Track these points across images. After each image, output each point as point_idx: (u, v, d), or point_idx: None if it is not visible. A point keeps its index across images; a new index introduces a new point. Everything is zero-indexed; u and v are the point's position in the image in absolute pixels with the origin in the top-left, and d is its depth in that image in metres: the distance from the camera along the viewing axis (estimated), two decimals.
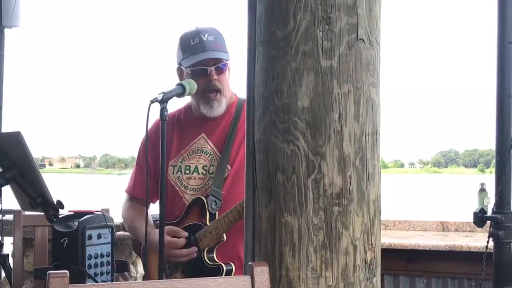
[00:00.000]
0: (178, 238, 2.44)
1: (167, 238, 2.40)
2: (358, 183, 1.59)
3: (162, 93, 2.23)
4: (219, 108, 2.49)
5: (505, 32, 2.01)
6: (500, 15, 2.02)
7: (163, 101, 2.22)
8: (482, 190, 3.79)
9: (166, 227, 2.43)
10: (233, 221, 2.32)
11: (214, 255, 2.42)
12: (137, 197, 2.62)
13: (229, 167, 2.45)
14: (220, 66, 2.47)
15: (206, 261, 2.41)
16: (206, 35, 2.48)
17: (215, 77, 2.46)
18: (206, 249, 2.42)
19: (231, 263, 2.41)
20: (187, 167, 2.52)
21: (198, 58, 2.44)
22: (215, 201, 2.42)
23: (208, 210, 2.43)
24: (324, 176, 1.57)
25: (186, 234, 2.44)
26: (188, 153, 2.53)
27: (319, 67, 1.57)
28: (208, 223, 2.42)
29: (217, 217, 2.41)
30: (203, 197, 2.45)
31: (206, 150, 2.50)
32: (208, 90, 2.46)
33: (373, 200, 1.62)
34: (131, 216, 2.62)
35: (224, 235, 2.38)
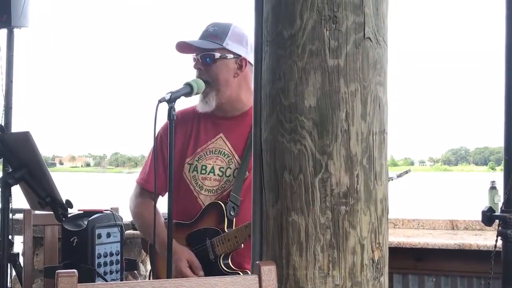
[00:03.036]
0: (194, 273, 2.36)
1: (184, 266, 2.36)
2: (365, 182, 1.58)
3: (170, 92, 2.22)
4: (206, 105, 2.42)
5: None
6: (508, 12, 2.01)
7: (171, 100, 2.21)
8: (493, 188, 3.77)
9: (188, 255, 2.39)
10: None
11: (230, 261, 2.39)
12: (149, 190, 2.54)
13: (247, 173, 2.39)
14: (206, 55, 2.40)
15: (222, 268, 2.38)
16: (212, 26, 2.44)
17: (199, 66, 2.41)
18: (222, 255, 2.38)
19: (247, 270, 2.36)
20: (203, 167, 2.47)
21: (184, 40, 2.41)
22: (233, 207, 2.38)
23: (226, 216, 2.38)
24: (331, 175, 1.56)
25: (202, 273, 2.37)
26: (205, 152, 2.48)
27: (326, 66, 1.57)
28: (226, 230, 2.38)
29: (234, 224, 2.38)
30: (221, 203, 2.40)
31: (224, 152, 2.45)
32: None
33: (380, 199, 1.62)
34: (144, 215, 2.53)
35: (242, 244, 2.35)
